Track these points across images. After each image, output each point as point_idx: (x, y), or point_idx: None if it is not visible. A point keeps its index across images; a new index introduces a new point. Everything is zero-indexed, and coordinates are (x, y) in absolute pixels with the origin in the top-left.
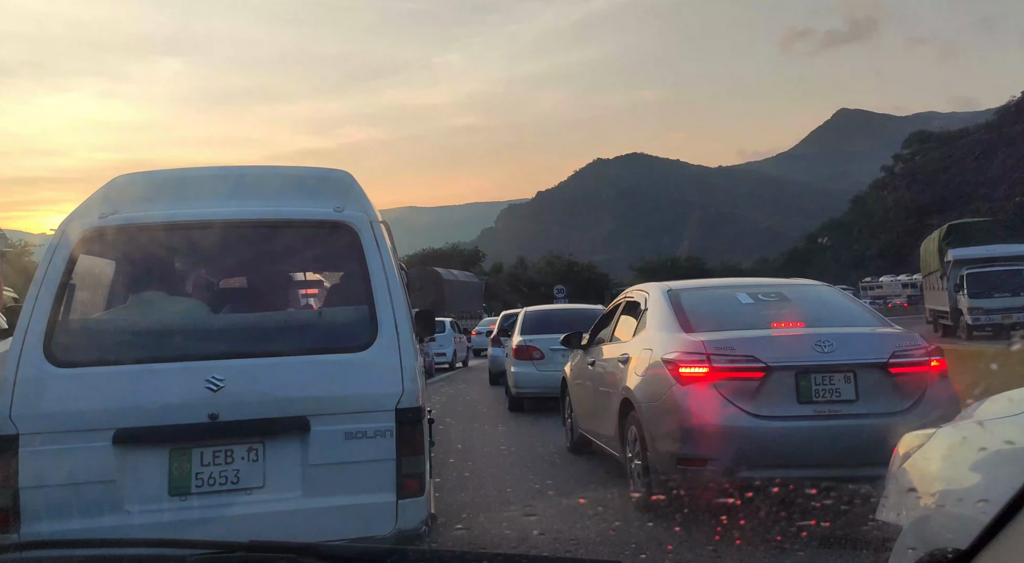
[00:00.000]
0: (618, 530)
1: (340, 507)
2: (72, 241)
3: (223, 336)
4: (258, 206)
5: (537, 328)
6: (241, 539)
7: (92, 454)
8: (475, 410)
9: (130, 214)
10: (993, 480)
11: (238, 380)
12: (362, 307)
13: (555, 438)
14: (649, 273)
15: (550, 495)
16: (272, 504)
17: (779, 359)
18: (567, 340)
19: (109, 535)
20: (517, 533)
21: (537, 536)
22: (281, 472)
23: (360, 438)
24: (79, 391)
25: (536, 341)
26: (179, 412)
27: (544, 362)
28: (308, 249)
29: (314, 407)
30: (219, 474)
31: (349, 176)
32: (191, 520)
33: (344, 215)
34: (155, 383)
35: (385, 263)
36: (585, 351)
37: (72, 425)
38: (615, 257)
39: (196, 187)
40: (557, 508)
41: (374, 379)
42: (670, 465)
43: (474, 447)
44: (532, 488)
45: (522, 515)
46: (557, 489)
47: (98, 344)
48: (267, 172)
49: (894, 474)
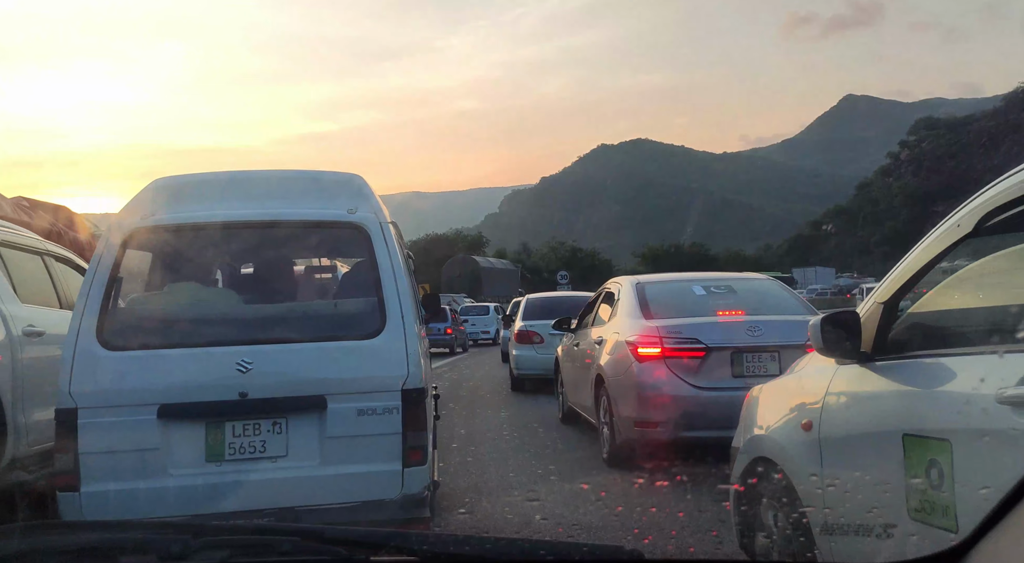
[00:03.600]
0: (620, 515)
1: (353, 474)
2: (119, 240)
3: (251, 324)
4: (279, 207)
5: (538, 314)
6: (267, 500)
7: (139, 426)
8: (490, 376)
9: (168, 215)
10: (780, 416)
11: (264, 363)
12: (372, 299)
13: (550, 410)
14: (652, 259)
15: (552, 480)
16: (294, 471)
17: (718, 341)
18: (558, 324)
19: (156, 496)
20: (520, 517)
21: (540, 521)
22: (301, 443)
23: (370, 415)
24: (127, 371)
25: (536, 326)
26: (213, 391)
27: (543, 346)
28: (324, 246)
29: (330, 387)
30: (248, 444)
31: (361, 180)
32: (225, 483)
33: (356, 216)
34: (193, 365)
35: (393, 259)
36: (574, 334)
37: (122, 401)
38: (619, 243)
39: (225, 190)
40: (559, 491)
41: (383, 363)
42: (629, 427)
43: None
44: (527, 452)
45: (525, 499)
46: (551, 456)
47: (143, 331)
48: (287, 176)
49: (742, 413)
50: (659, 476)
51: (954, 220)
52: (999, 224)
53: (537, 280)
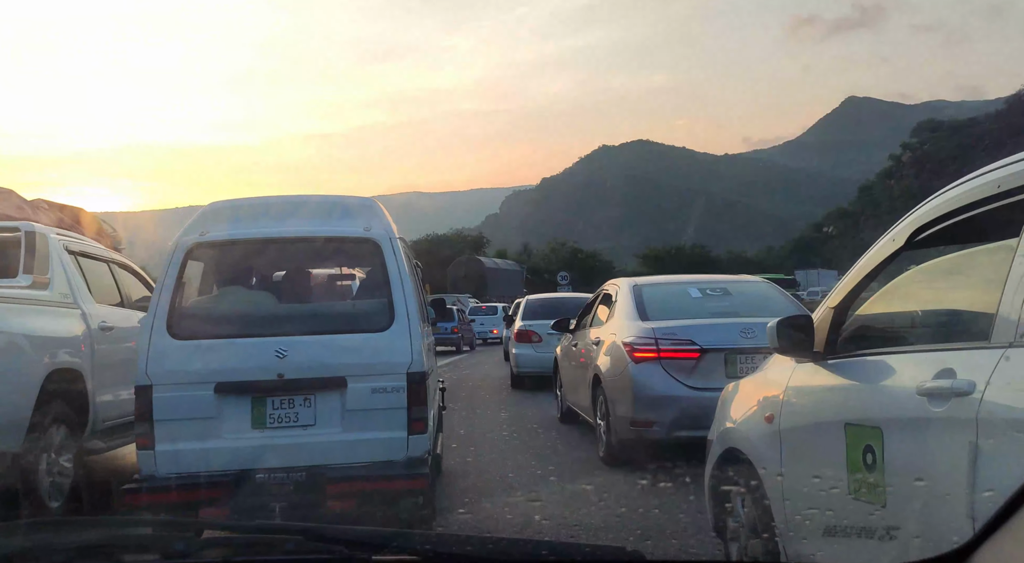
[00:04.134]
0: (622, 516)
1: (368, 439)
2: (182, 252)
3: (286, 320)
4: (308, 225)
5: (537, 314)
6: (299, 460)
7: (200, 399)
8: (491, 374)
9: (219, 233)
10: (747, 410)
11: (296, 351)
12: (383, 300)
13: (549, 409)
14: (654, 261)
15: (552, 481)
16: (321, 436)
17: (711, 343)
18: (557, 325)
19: (213, 454)
20: (521, 517)
21: (540, 522)
22: (327, 414)
23: (382, 392)
24: (190, 356)
25: (534, 326)
26: (257, 372)
27: (542, 344)
28: (344, 257)
29: (349, 370)
30: (284, 415)
31: (375, 203)
32: (266, 445)
33: (370, 233)
34: (241, 352)
35: (400, 268)
36: (572, 334)
37: (186, 379)
38: (620, 244)
39: (264, 212)
40: (559, 492)
41: (391, 352)
42: (625, 426)
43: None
44: (526, 452)
45: (525, 500)
46: (548, 455)
47: (202, 325)
48: (314, 200)
49: (717, 408)
50: (659, 476)
51: (890, 235)
52: (927, 238)
53: (538, 281)
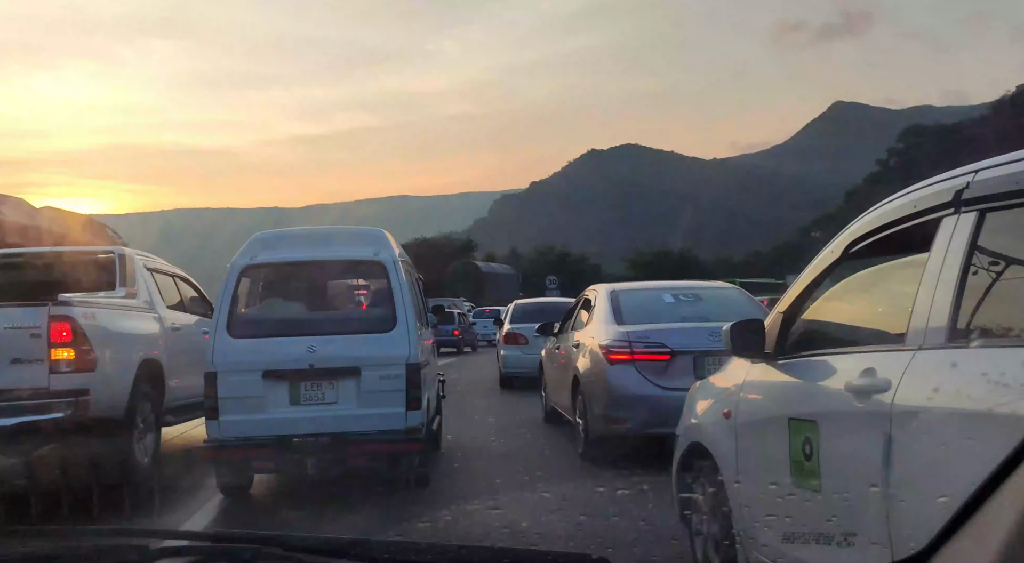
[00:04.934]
0: (584, 524)
1: (376, 413)
2: (237, 272)
3: (315, 323)
4: (332, 251)
5: (525, 318)
6: (325, 428)
7: (251, 383)
8: (484, 376)
9: (264, 257)
10: (708, 407)
11: (323, 347)
12: (388, 308)
13: (534, 410)
14: (642, 265)
15: (516, 484)
16: (342, 411)
17: (682, 346)
18: (541, 328)
19: (261, 423)
20: (482, 528)
21: (501, 529)
22: (346, 395)
23: (387, 378)
24: (245, 350)
25: (522, 329)
26: (294, 363)
27: (528, 347)
28: (358, 274)
29: (362, 362)
30: (314, 395)
31: (383, 233)
32: (300, 418)
33: (378, 257)
34: (281, 348)
35: (401, 284)
36: (556, 338)
37: (241, 367)
38: (608, 248)
39: (299, 240)
40: (520, 500)
41: (394, 347)
42: (601, 424)
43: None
44: (512, 457)
45: (487, 508)
46: (536, 459)
47: (253, 327)
48: (336, 230)
49: (685, 405)
50: (636, 481)
51: (830, 247)
52: (860, 251)
53: (526, 285)
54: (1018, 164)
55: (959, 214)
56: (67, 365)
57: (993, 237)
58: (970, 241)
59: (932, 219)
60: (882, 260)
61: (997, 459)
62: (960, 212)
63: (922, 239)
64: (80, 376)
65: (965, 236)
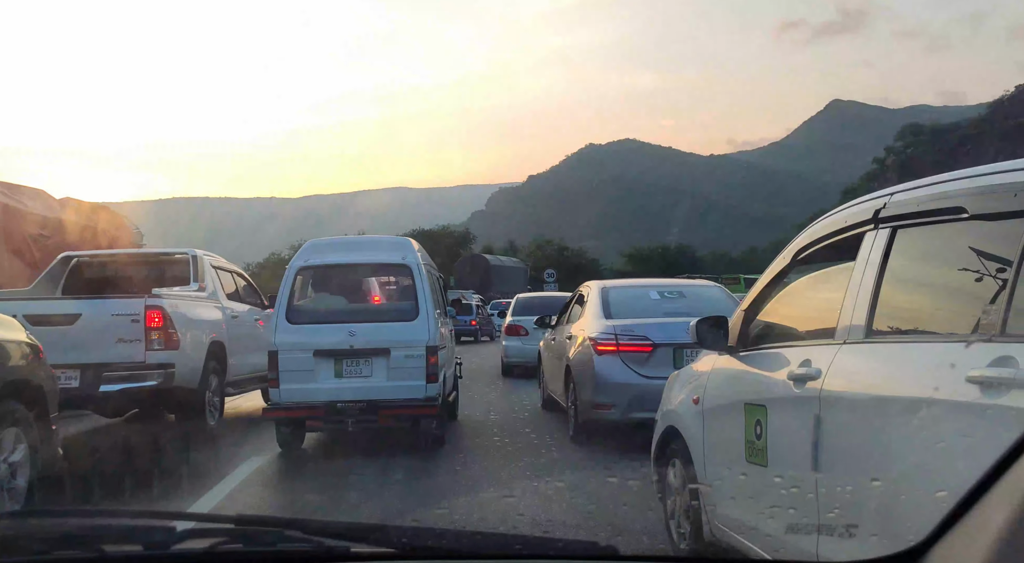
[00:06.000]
0: (594, 513)
1: (402, 385)
2: (294, 271)
3: (354, 313)
4: (368, 256)
5: (526, 310)
6: (361, 396)
7: (304, 359)
8: (490, 364)
9: (315, 260)
10: (681, 394)
11: (361, 332)
12: (412, 302)
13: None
14: (640, 260)
15: (527, 476)
16: (375, 383)
17: (663, 339)
18: (539, 321)
19: (311, 392)
20: (498, 515)
21: (515, 516)
22: (379, 370)
23: (411, 357)
24: (299, 334)
25: (522, 321)
26: (337, 344)
27: (528, 337)
28: (390, 275)
29: (392, 344)
30: (353, 370)
31: (410, 241)
32: (342, 387)
33: (405, 260)
34: (328, 332)
35: (423, 282)
36: (552, 330)
37: (296, 348)
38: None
39: (342, 246)
40: (534, 490)
41: (417, 333)
42: (589, 409)
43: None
44: (504, 449)
45: (501, 496)
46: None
47: (306, 315)
48: (372, 239)
49: (663, 393)
50: (631, 472)
51: (782, 255)
52: (805, 257)
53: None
54: (925, 189)
55: (877, 229)
56: (158, 344)
57: (903, 249)
58: (884, 252)
59: (857, 233)
60: (824, 266)
61: (909, 438)
62: (878, 228)
63: (851, 250)
64: (167, 353)
65: (881, 248)
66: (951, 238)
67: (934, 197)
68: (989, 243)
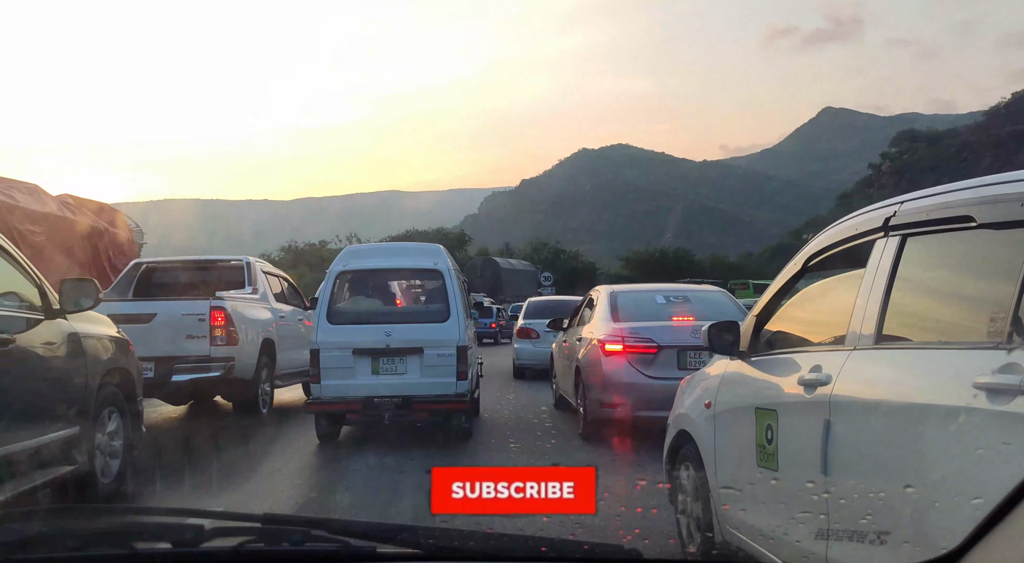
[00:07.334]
0: (623, 516)
1: (435, 382)
2: (334, 275)
3: (390, 314)
4: (402, 261)
5: (537, 314)
6: (398, 392)
7: (344, 357)
8: (503, 366)
9: (354, 265)
10: (693, 399)
11: (396, 332)
12: (443, 304)
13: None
14: (637, 263)
15: None
16: (409, 379)
17: (668, 341)
18: (552, 324)
19: (351, 387)
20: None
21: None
22: (413, 367)
23: (443, 356)
24: (339, 333)
25: (534, 324)
26: (375, 343)
27: (539, 340)
28: (422, 279)
29: (425, 343)
30: (390, 367)
31: (441, 248)
32: (379, 383)
33: (436, 266)
34: (366, 332)
35: (453, 286)
36: (564, 333)
37: (337, 346)
38: (598, 247)
39: (378, 252)
40: None
41: (448, 333)
42: (597, 408)
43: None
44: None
45: None
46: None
47: (345, 316)
48: (406, 245)
49: (676, 397)
50: (639, 469)
51: (793, 262)
52: (816, 264)
53: None
54: (934, 198)
55: (887, 237)
56: (221, 340)
57: (912, 257)
58: (894, 260)
59: (868, 241)
60: (835, 273)
61: (917, 441)
62: (888, 235)
63: (862, 257)
64: (228, 348)
65: (891, 255)
66: (960, 246)
67: (943, 206)
68: (997, 251)
